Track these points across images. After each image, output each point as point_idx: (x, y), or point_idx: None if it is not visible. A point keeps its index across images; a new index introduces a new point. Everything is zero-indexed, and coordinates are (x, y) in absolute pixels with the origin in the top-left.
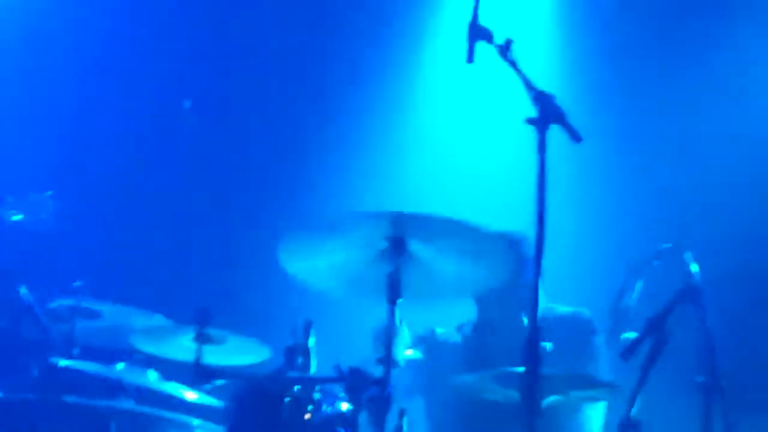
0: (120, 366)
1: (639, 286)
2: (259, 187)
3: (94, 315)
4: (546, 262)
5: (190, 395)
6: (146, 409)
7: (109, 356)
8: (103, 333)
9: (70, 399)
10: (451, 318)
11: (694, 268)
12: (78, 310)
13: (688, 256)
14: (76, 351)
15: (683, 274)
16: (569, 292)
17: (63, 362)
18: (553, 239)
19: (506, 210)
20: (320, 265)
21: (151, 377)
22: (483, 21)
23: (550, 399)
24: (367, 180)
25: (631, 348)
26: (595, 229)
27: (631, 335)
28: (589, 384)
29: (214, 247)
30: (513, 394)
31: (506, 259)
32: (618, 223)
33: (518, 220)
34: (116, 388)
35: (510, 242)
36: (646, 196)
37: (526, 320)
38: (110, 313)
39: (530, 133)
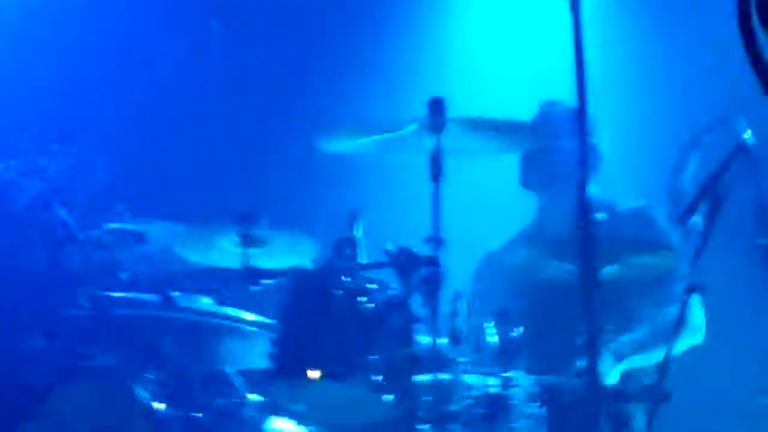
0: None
1: (693, 163)
2: (294, 82)
3: (139, 238)
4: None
5: (248, 316)
6: (201, 319)
7: (159, 285)
8: (151, 259)
9: (122, 312)
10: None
11: (747, 133)
12: (123, 234)
13: (740, 123)
14: (124, 276)
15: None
16: (618, 176)
17: (112, 294)
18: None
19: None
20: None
21: (206, 302)
22: None
23: (610, 269)
24: (404, 68)
25: (688, 211)
26: (642, 106)
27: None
28: (647, 246)
29: (253, 147)
30: (569, 268)
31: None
32: (666, 98)
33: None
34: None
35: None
36: (695, 67)
37: None
38: (156, 233)
39: None
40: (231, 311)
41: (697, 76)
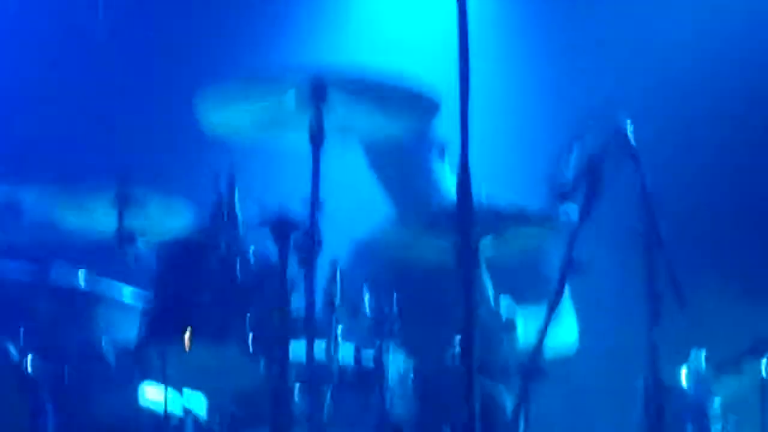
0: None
1: (575, 152)
2: (172, 39)
3: (13, 207)
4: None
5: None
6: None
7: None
8: (27, 225)
9: None
10: None
11: (628, 124)
12: None
13: (622, 115)
14: None
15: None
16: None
17: None
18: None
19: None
20: (240, 116)
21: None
22: None
23: (485, 242)
24: (286, 32)
25: (568, 191)
26: (525, 97)
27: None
28: (527, 216)
29: (128, 109)
30: (444, 244)
31: (419, 104)
32: (553, 92)
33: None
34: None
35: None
36: (582, 62)
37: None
38: (30, 198)
39: None
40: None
41: (581, 73)
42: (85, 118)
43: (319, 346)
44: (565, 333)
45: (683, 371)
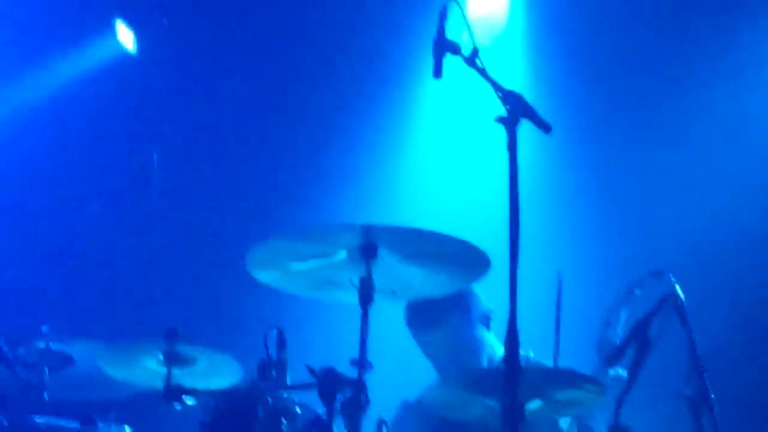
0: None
1: (623, 317)
2: (224, 198)
3: (65, 360)
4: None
5: None
6: None
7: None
8: (76, 383)
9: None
10: None
11: (677, 286)
12: (48, 353)
13: (670, 278)
14: (47, 397)
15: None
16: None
17: (38, 418)
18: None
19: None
20: (291, 271)
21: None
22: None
23: (533, 405)
24: (339, 191)
25: (615, 354)
26: (576, 260)
27: (620, 371)
28: (575, 379)
29: (180, 265)
30: (489, 404)
31: (468, 262)
32: (599, 255)
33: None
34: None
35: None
36: (625, 226)
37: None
38: (82, 354)
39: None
40: None
41: (628, 236)
42: (134, 276)
43: None
44: None
45: None
